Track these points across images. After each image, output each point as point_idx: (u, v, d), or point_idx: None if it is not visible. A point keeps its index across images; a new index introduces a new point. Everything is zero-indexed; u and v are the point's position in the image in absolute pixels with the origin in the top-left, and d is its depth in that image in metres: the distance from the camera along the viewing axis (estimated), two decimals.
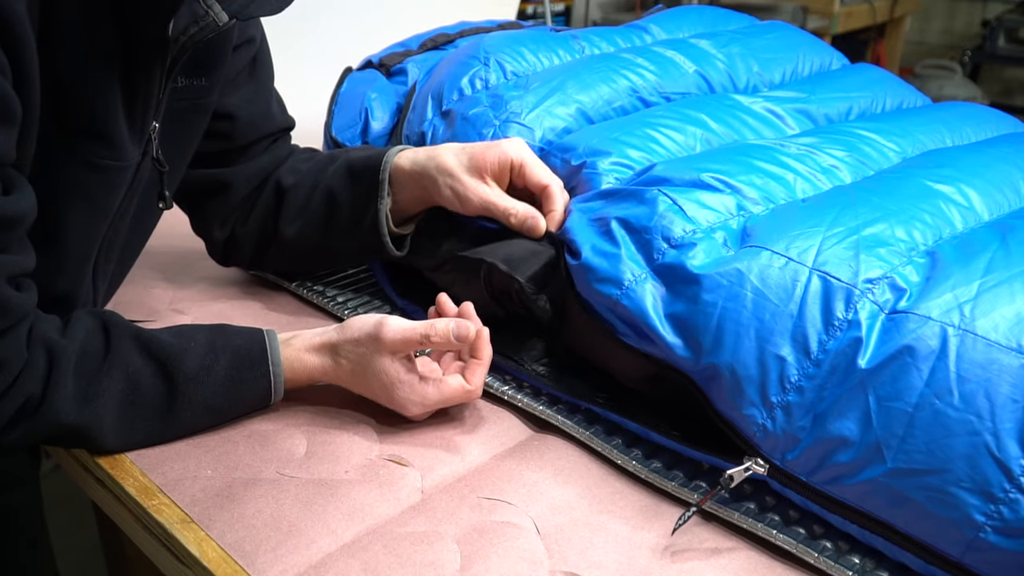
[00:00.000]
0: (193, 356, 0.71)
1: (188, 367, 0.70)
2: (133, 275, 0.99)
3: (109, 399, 0.68)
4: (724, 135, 0.91)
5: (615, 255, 0.73)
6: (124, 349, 0.70)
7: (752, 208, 0.75)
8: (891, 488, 0.58)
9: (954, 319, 0.60)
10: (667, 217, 0.73)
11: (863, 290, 0.64)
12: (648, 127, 0.89)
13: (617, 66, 1.00)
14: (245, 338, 0.74)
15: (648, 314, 0.69)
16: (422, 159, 0.86)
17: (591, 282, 0.73)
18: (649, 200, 0.74)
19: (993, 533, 0.55)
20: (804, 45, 1.17)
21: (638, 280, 0.71)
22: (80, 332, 0.69)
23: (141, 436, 0.71)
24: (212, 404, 0.72)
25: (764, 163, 0.81)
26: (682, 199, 0.74)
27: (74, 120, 0.67)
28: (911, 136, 0.94)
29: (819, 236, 0.68)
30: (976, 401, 0.57)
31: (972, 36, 3.96)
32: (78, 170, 0.69)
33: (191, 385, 0.71)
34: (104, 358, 0.69)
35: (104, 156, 0.70)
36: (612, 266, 0.72)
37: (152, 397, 0.70)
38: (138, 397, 0.69)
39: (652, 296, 0.70)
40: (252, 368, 0.73)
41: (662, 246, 0.71)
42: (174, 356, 0.70)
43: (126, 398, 0.69)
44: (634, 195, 0.76)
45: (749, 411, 0.64)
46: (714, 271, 0.68)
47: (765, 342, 0.64)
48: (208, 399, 0.72)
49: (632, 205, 0.75)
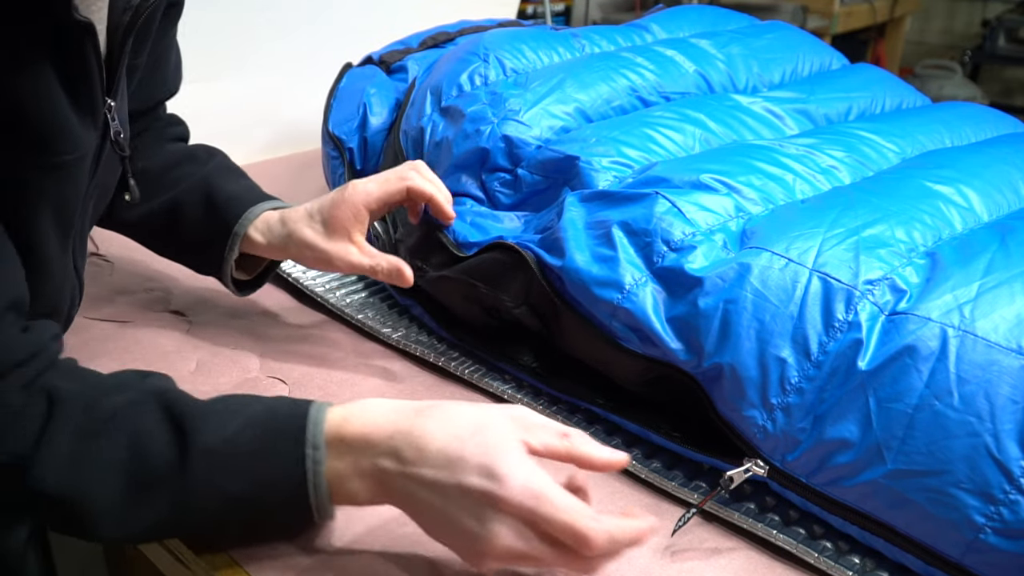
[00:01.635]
0: (215, 420, 0.56)
1: (208, 436, 0.55)
2: (132, 276, 0.99)
3: (107, 468, 0.54)
4: (723, 135, 0.91)
5: (614, 259, 0.72)
6: (140, 407, 0.56)
7: (751, 209, 0.75)
8: (891, 489, 0.58)
9: (954, 320, 0.60)
10: (666, 220, 0.72)
11: (863, 291, 0.64)
12: (647, 127, 0.89)
13: (617, 65, 1.00)
14: (288, 409, 0.58)
15: (650, 318, 0.69)
16: (278, 235, 0.82)
17: (590, 287, 0.72)
18: (648, 202, 0.74)
19: (993, 534, 0.55)
20: (804, 45, 1.17)
21: (639, 284, 0.71)
22: (100, 380, 0.58)
23: (145, 526, 0.55)
24: (232, 491, 0.55)
25: (763, 164, 0.80)
26: (681, 201, 0.74)
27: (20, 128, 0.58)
28: (910, 136, 0.94)
29: (819, 237, 0.68)
30: (976, 402, 0.57)
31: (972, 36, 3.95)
32: (39, 176, 0.61)
33: (207, 460, 0.54)
34: (115, 412, 0.55)
35: (60, 152, 0.61)
36: (612, 270, 0.72)
37: (159, 473, 0.54)
38: (143, 471, 0.54)
39: (653, 299, 0.70)
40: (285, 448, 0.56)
41: (662, 249, 0.71)
42: (193, 418, 0.55)
43: (128, 470, 0.54)
44: (632, 198, 0.76)
45: (749, 412, 0.64)
46: (714, 273, 0.68)
47: (765, 344, 0.64)
48: (226, 484, 0.55)
49: (631, 208, 0.75)
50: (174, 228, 0.85)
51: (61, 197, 0.63)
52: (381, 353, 0.87)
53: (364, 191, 0.80)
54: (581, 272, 0.73)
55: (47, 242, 0.63)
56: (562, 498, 0.52)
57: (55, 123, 0.60)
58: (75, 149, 0.62)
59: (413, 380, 0.83)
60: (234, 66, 1.31)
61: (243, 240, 0.82)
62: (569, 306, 0.74)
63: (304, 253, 0.81)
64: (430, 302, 0.88)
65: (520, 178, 0.88)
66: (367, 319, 0.90)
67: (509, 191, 0.88)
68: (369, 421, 0.57)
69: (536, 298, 0.77)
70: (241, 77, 1.33)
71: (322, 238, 0.80)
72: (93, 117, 0.64)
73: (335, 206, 0.80)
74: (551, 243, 0.77)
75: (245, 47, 1.33)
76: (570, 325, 0.76)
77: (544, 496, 0.52)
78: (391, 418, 0.57)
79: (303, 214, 0.81)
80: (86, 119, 0.63)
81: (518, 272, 0.78)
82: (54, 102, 0.59)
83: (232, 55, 1.30)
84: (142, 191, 0.82)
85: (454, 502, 0.53)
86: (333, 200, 0.80)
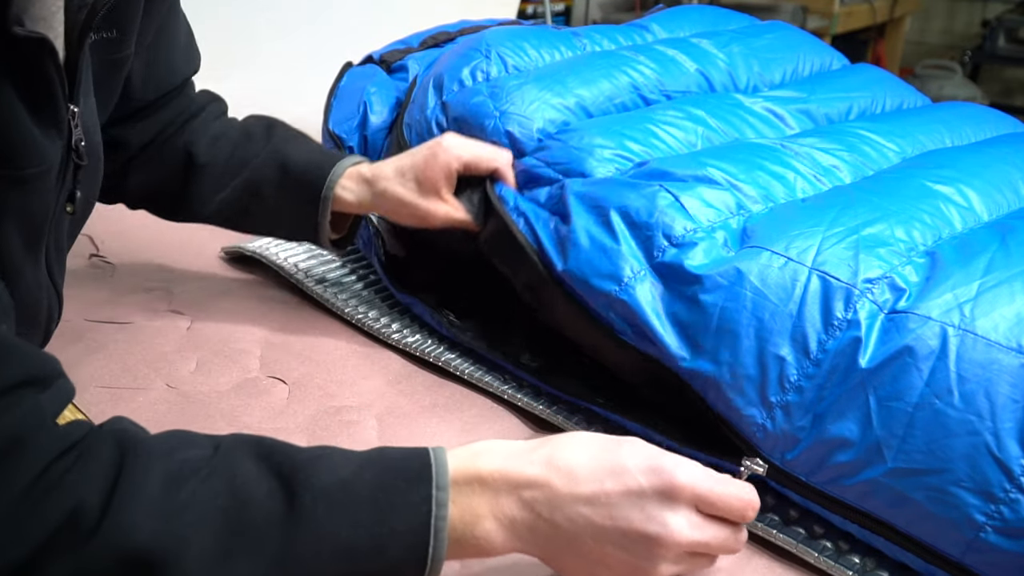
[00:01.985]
0: (328, 466, 0.50)
1: (320, 480, 0.49)
2: (133, 276, 0.99)
3: (204, 516, 0.46)
4: (725, 133, 0.91)
5: (615, 250, 0.72)
6: (234, 453, 0.50)
7: (752, 207, 0.75)
8: (891, 488, 0.58)
9: (954, 319, 0.60)
10: (668, 214, 0.72)
11: (862, 290, 0.64)
12: (649, 122, 0.88)
13: (618, 63, 1.00)
14: (404, 451, 0.53)
15: (646, 312, 0.69)
16: (369, 195, 0.85)
17: (589, 277, 0.72)
18: (650, 194, 0.74)
19: (993, 533, 0.55)
20: (804, 45, 1.17)
21: (637, 277, 0.71)
22: (172, 434, 0.51)
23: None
24: (347, 538, 0.48)
25: (766, 162, 0.80)
26: (684, 195, 0.74)
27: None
28: (911, 136, 0.94)
29: (819, 236, 0.68)
30: (976, 401, 0.57)
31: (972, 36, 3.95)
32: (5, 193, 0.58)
33: (321, 505, 0.48)
34: (205, 461, 0.49)
35: (25, 166, 0.58)
36: (611, 261, 0.72)
37: (264, 520, 0.48)
38: (245, 518, 0.47)
39: (651, 294, 0.70)
40: (408, 489, 0.50)
41: (663, 243, 0.71)
42: (302, 467, 0.50)
43: (228, 518, 0.47)
44: (635, 187, 0.76)
45: (749, 411, 0.64)
46: (714, 271, 0.68)
47: (765, 342, 0.64)
48: (342, 530, 0.48)
49: (632, 197, 0.75)
50: (257, 208, 0.88)
51: (26, 210, 0.61)
52: (381, 353, 0.87)
53: (456, 155, 0.83)
54: (581, 258, 0.73)
55: (13, 254, 0.60)
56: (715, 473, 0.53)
57: (16, 139, 0.57)
58: (40, 163, 0.60)
59: (413, 380, 0.83)
60: (235, 66, 1.31)
61: (334, 201, 0.85)
62: (567, 293, 0.74)
63: (399, 210, 0.85)
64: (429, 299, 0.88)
65: (523, 170, 0.87)
66: (367, 319, 0.90)
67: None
68: (500, 456, 0.53)
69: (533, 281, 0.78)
70: (241, 77, 1.33)
71: (416, 196, 0.83)
72: (57, 128, 0.62)
73: (427, 166, 0.83)
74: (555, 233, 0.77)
75: (245, 47, 1.33)
76: (565, 311, 0.75)
77: (708, 472, 0.52)
78: (519, 450, 0.53)
79: (393, 172, 0.84)
80: (49, 131, 0.61)
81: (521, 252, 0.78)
82: (15, 118, 0.57)
83: (233, 55, 1.31)
84: (214, 184, 0.87)
85: (623, 510, 0.51)
86: (425, 159, 0.83)
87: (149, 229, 1.11)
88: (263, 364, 0.83)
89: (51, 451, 0.46)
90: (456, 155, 0.83)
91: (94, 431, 0.48)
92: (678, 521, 0.51)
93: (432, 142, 0.84)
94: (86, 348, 0.84)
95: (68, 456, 0.46)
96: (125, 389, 0.78)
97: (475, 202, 0.84)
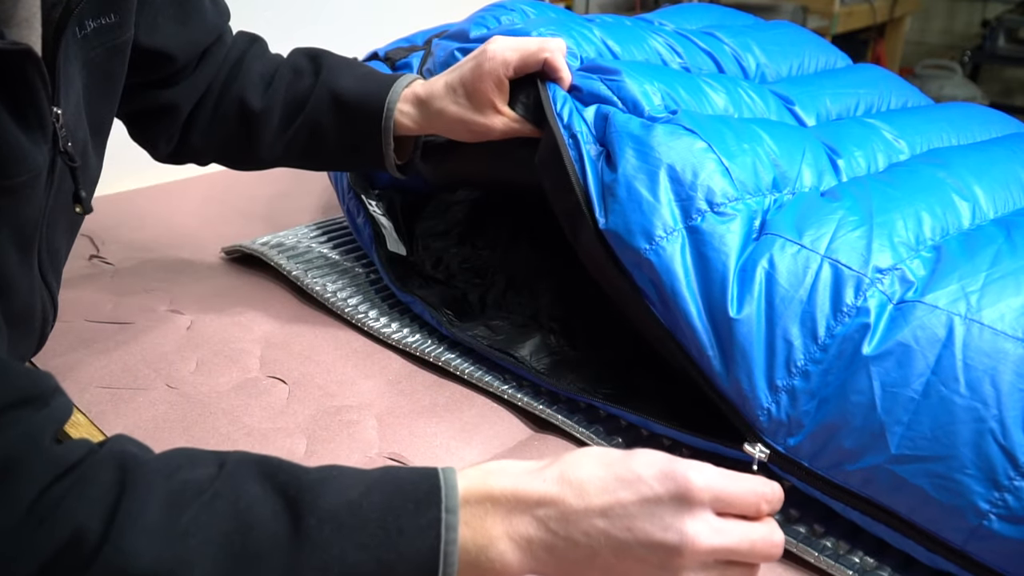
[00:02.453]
0: (336, 488, 0.49)
1: (327, 501, 0.48)
2: (133, 276, 0.98)
3: (207, 540, 0.46)
4: (756, 109, 0.89)
5: (652, 205, 0.70)
6: (239, 474, 0.49)
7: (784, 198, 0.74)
8: (894, 474, 0.58)
9: (960, 308, 0.60)
10: (713, 178, 0.70)
11: (873, 279, 0.64)
12: (687, 79, 0.86)
13: (640, 31, 0.98)
14: (413, 472, 0.51)
15: (674, 275, 0.67)
16: (426, 116, 0.83)
17: (622, 231, 0.70)
18: (699, 152, 0.72)
19: (997, 520, 0.55)
20: (810, 43, 1.17)
21: (669, 236, 0.69)
22: (176, 452, 0.50)
23: None
24: (354, 563, 0.47)
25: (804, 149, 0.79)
26: (731, 162, 0.72)
27: None
28: (919, 134, 0.94)
29: (832, 224, 0.68)
30: (982, 389, 0.57)
31: (972, 36, 3.95)
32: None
33: (327, 528, 0.47)
34: (209, 482, 0.48)
35: (11, 175, 0.57)
36: (646, 216, 0.69)
37: (269, 544, 0.47)
38: (249, 542, 0.46)
39: (681, 257, 0.68)
40: (417, 512, 0.49)
41: (702, 207, 0.69)
42: (308, 488, 0.48)
43: (231, 541, 0.46)
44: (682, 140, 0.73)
45: (754, 394, 0.63)
46: (740, 252, 0.67)
47: (774, 325, 0.64)
48: (349, 554, 0.47)
49: (681, 153, 0.72)
50: (321, 146, 0.87)
51: (17, 218, 0.60)
52: (381, 353, 0.87)
53: (503, 61, 0.79)
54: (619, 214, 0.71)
55: (5, 262, 0.59)
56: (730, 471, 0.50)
57: (2, 149, 0.56)
58: (28, 170, 0.58)
59: (413, 380, 0.82)
60: None
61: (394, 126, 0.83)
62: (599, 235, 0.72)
63: (456, 128, 0.83)
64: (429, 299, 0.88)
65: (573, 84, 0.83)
66: (367, 319, 0.90)
67: None
68: (511, 476, 0.51)
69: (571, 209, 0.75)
70: None
71: (471, 112, 0.81)
72: (42, 132, 0.60)
73: (477, 79, 0.80)
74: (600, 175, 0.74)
75: None
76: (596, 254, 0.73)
77: (723, 471, 0.50)
78: (530, 468, 0.51)
79: (444, 90, 0.82)
80: (35, 136, 0.59)
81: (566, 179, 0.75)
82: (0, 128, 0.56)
83: None
84: (272, 129, 0.86)
85: (639, 520, 0.49)
86: (473, 72, 0.80)
87: (149, 229, 1.11)
88: (263, 364, 0.83)
89: (47, 474, 0.45)
90: (503, 60, 0.79)
91: (93, 452, 0.47)
92: (696, 527, 0.48)
93: (478, 50, 0.81)
94: (86, 348, 0.83)
95: (66, 479, 0.45)
96: (125, 389, 0.78)
97: (531, 107, 0.81)
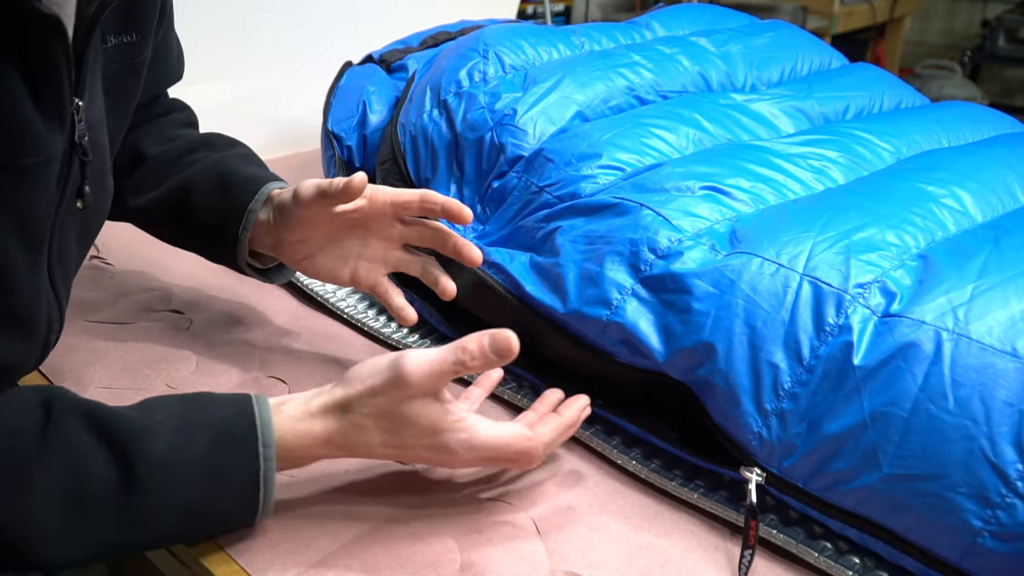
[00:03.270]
0: (160, 435, 0.55)
1: (153, 450, 0.55)
2: (133, 277, 0.99)
3: (44, 494, 0.52)
4: (718, 135, 0.91)
5: (600, 274, 0.72)
6: (68, 428, 0.54)
7: (740, 208, 0.76)
8: (888, 494, 0.58)
9: (948, 323, 0.60)
10: (652, 228, 0.73)
11: (854, 295, 0.64)
12: (640, 127, 0.88)
13: (615, 64, 1.00)
14: (228, 408, 0.59)
15: (640, 329, 0.69)
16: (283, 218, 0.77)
17: (581, 308, 0.73)
18: (631, 213, 0.74)
19: (990, 538, 0.54)
20: (804, 45, 1.17)
21: (625, 298, 0.71)
22: (9, 409, 0.55)
23: (94, 545, 0.54)
24: (186, 502, 0.56)
25: (754, 165, 0.81)
26: (666, 209, 0.74)
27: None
28: (907, 136, 0.94)
29: (809, 241, 0.68)
30: (971, 405, 0.57)
31: (972, 36, 3.95)
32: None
33: (157, 474, 0.54)
34: (39, 439, 0.53)
35: (21, 154, 0.56)
36: (598, 287, 0.72)
37: (104, 492, 0.53)
38: (85, 491, 0.53)
39: (642, 311, 0.70)
40: (237, 450, 0.57)
41: (649, 258, 0.71)
42: (134, 436, 0.55)
43: (69, 493, 0.53)
44: (614, 208, 0.76)
45: (744, 420, 0.64)
46: (705, 280, 0.68)
47: (758, 350, 0.64)
48: (180, 495, 0.55)
49: (614, 220, 0.75)
50: (185, 212, 0.80)
51: (23, 206, 0.58)
52: (381, 352, 0.87)
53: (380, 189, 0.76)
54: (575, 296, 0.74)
55: (8, 255, 0.58)
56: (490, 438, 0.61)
57: (13, 122, 0.55)
58: (37, 152, 0.57)
59: None
60: (234, 66, 1.31)
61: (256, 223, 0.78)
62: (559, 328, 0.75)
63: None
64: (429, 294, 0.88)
65: (511, 186, 0.88)
66: (367, 318, 0.91)
67: (500, 198, 0.88)
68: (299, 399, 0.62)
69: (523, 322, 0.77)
70: (241, 77, 1.33)
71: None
72: (60, 119, 0.59)
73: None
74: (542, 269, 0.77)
75: (245, 47, 1.33)
76: (558, 344, 0.76)
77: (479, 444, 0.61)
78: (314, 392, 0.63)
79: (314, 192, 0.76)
80: (51, 121, 0.58)
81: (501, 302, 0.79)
82: (14, 100, 0.55)
83: (232, 55, 1.30)
84: (153, 177, 0.82)
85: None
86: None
87: None
88: (263, 364, 0.83)
89: None
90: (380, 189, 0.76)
91: None
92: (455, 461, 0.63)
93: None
94: (86, 348, 0.84)
95: None
96: (125, 389, 0.78)
97: None
